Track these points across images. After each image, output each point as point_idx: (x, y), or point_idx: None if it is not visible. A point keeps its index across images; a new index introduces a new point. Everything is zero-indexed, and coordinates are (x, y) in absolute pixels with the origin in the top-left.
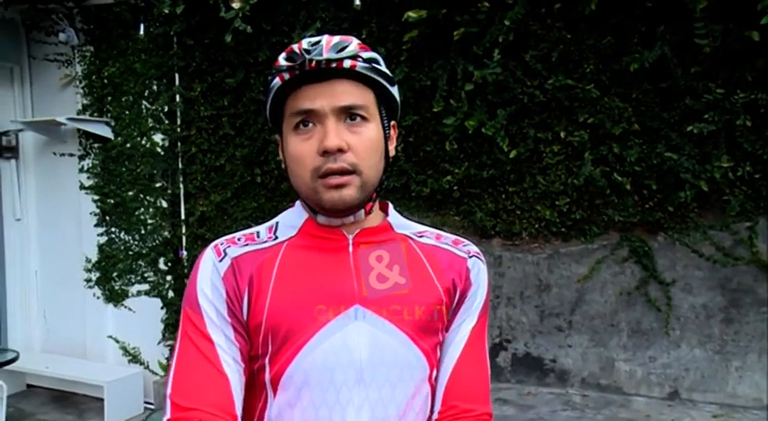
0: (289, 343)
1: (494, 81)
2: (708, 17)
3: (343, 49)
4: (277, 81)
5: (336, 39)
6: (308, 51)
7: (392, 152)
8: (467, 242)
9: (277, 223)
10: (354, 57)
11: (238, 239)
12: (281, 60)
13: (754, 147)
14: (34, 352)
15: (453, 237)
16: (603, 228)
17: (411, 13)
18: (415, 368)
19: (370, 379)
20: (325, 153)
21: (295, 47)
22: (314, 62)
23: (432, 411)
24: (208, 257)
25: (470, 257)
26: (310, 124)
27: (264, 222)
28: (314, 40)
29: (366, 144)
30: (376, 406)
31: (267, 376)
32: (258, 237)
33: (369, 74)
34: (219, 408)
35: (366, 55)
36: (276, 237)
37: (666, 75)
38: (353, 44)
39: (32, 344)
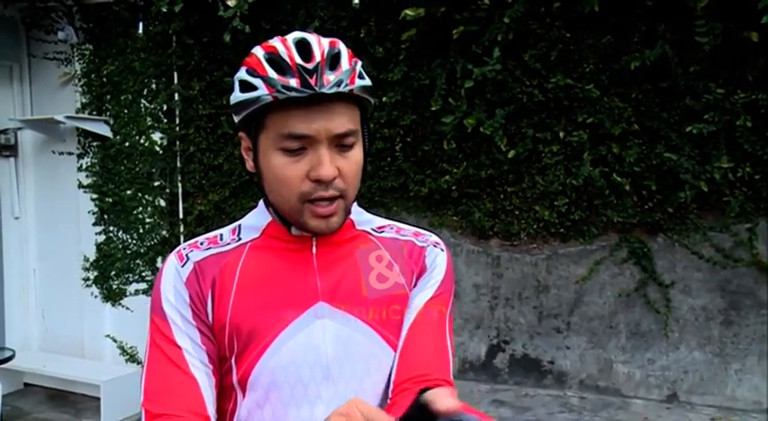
0: (254, 343)
1: (493, 80)
2: (708, 15)
3: (336, 63)
4: (265, 94)
5: (326, 46)
6: (307, 71)
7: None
8: (428, 234)
9: (240, 225)
10: (351, 73)
11: (201, 243)
12: (267, 67)
13: (754, 148)
14: (32, 350)
15: (414, 229)
16: (602, 228)
17: (409, 11)
18: (381, 360)
19: (338, 374)
20: (317, 180)
21: (283, 53)
22: (315, 88)
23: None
24: (170, 264)
25: (428, 246)
26: (300, 148)
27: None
28: (298, 43)
29: (353, 168)
30: (344, 399)
31: (235, 377)
32: (221, 239)
33: (360, 95)
34: (191, 411)
35: (358, 66)
36: (239, 239)
37: (666, 75)
38: (344, 55)
39: (30, 343)
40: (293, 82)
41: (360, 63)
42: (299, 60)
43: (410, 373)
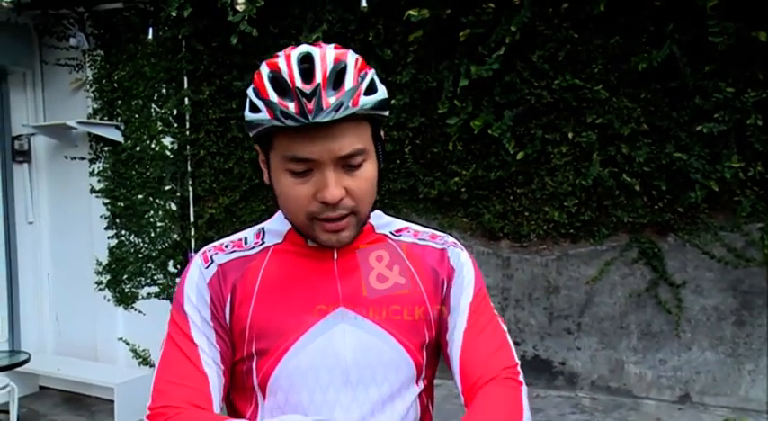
0: (274, 347)
1: (501, 81)
2: (719, 15)
3: (340, 82)
4: (267, 118)
5: (330, 63)
6: (305, 95)
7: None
8: (444, 235)
9: (263, 229)
10: (354, 93)
11: (226, 246)
12: (270, 89)
13: (765, 147)
14: (46, 353)
15: (431, 231)
16: (612, 229)
17: (412, 12)
18: (400, 366)
19: (357, 379)
20: (323, 202)
21: (284, 74)
22: (310, 116)
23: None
24: (195, 264)
25: (448, 247)
26: (306, 169)
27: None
28: (301, 61)
29: (364, 186)
30: (363, 405)
31: (255, 380)
32: (246, 243)
33: (370, 113)
34: (194, 404)
35: (366, 82)
36: (263, 243)
37: (675, 74)
38: (350, 71)
39: (45, 346)
40: (291, 107)
41: (370, 75)
42: (298, 82)
43: (480, 373)
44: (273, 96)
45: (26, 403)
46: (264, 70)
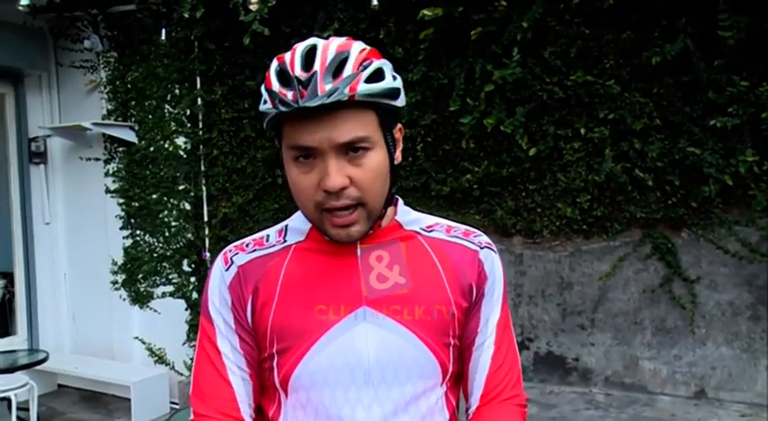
0: (296, 345)
1: (512, 81)
2: (731, 9)
3: (340, 70)
4: (269, 108)
5: (332, 53)
6: (301, 82)
7: (398, 159)
8: (478, 233)
9: (286, 226)
10: (352, 80)
11: (247, 245)
12: (274, 80)
13: None
14: (64, 352)
15: (464, 227)
16: (626, 224)
17: (426, 11)
18: (423, 367)
19: (379, 378)
20: (326, 190)
21: (287, 64)
22: (300, 101)
23: (468, 404)
24: (217, 266)
25: (482, 249)
26: (310, 157)
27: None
28: (306, 52)
29: (369, 175)
30: (385, 404)
31: (276, 378)
32: (267, 240)
33: (369, 100)
34: (223, 413)
35: (368, 70)
36: (285, 241)
37: (688, 68)
38: (352, 60)
39: (62, 345)
40: (290, 95)
41: (376, 64)
42: (297, 71)
43: (497, 394)
44: (276, 86)
45: (45, 401)
46: (273, 63)
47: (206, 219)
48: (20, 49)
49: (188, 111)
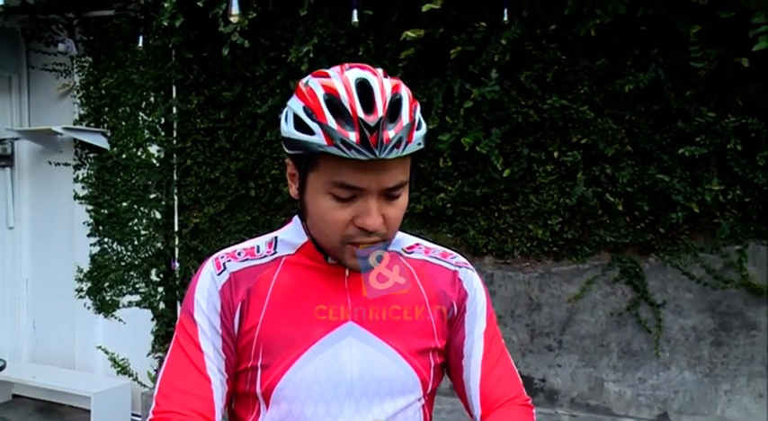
0: (281, 357)
1: (490, 100)
2: (702, 41)
3: (397, 114)
4: (323, 143)
5: (388, 94)
6: (368, 127)
7: None
8: (454, 254)
9: (276, 238)
10: (410, 129)
11: (238, 254)
12: (327, 113)
13: (744, 171)
14: (22, 361)
15: (441, 249)
16: (595, 248)
17: (409, 33)
18: (405, 383)
19: (361, 393)
20: (362, 228)
21: (344, 100)
22: (375, 151)
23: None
24: (207, 270)
25: (460, 268)
26: (351, 196)
27: (260, 235)
28: (362, 89)
29: (399, 214)
30: (366, 418)
31: (259, 388)
32: (258, 251)
33: (418, 149)
34: (198, 413)
35: (417, 116)
36: (275, 253)
37: (659, 98)
38: (406, 105)
39: (20, 354)
40: (353, 136)
41: (419, 108)
42: (360, 112)
43: (496, 398)
44: (332, 122)
45: None
46: (319, 90)
47: (177, 228)
48: None
49: (162, 120)
